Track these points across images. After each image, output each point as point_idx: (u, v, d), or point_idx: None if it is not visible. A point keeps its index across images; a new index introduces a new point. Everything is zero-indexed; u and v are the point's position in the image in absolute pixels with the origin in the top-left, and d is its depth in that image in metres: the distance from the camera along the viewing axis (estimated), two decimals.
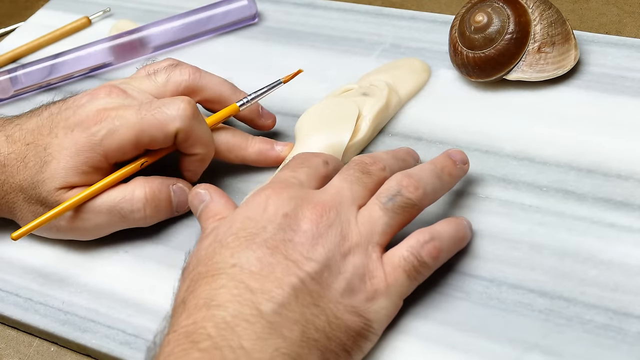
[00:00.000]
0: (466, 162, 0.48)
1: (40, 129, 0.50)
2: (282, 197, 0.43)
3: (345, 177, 0.45)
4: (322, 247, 0.42)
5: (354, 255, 0.42)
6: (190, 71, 0.53)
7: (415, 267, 0.43)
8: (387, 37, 0.64)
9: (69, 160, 0.49)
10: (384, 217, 0.43)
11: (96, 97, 0.50)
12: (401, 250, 0.43)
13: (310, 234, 0.42)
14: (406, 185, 0.44)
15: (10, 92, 0.66)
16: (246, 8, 0.68)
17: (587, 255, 0.45)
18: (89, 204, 0.49)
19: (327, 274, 0.41)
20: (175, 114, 0.48)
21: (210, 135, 0.51)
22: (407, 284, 0.43)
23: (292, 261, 0.41)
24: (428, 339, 0.43)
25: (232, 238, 0.42)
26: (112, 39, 0.67)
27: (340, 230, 0.42)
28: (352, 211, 0.43)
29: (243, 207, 0.44)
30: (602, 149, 0.51)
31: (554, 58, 0.55)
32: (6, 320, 0.51)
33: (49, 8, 0.77)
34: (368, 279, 0.42)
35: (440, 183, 0.46)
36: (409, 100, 0.58)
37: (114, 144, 0.48)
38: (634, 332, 0.42)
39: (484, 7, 0.55)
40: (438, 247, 0.43)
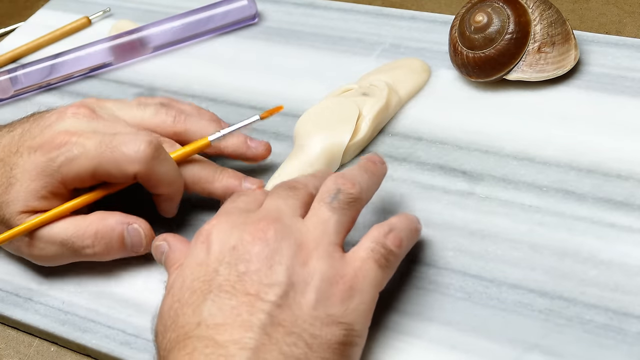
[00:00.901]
0: (383, 163, 0.48)
1: (10, 146, 0.49)
2: (223, 230, 0.42)
3: (276, 196, 0.44)
4: (280, 264, 0.40)
5: (316, 261, 0.40)
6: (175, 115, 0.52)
7: (384, 255, 0.42)
8: (387, 37, 0.64)
9: (30, 183, 0.48)
10: (333, 215, 0.42)
11: (63, 117, 0.49)
12: (366, 243, 0.42)
13: (263, 254, 0.40)
14: (343, 183, 0.43)
15: (10, 92, 0.66)
16: (246, 8, 0.68)
17: (587, 255, 0.45)
18: (44, 234, 0.48)
19: (293, 292, 0.39)
20: (133, 156, 0.46)
21: (176, 173, 0.49)
22: (379, 273, 0.42)
23: (253, 295, 0.39)
24: (428, 339, 0.43)
25: (189, 293, 0.40)
26: (112, 39, 0.67)
27: (294, 239, 0.41)
28: (297, 220, 0.42)
29: (190, 254, 0.42)
30: (602, 149, 0.51)
31: (554, 58, 0.55)
32: (6, 320, 0.51)
33: (49, 8, 0.77)
34: (339, 278, 0.40)
35: (369, 180, 0.46)
36: (409, 100, 0.58)
37: (71, 173, 0.47)
38: (634, 332, 0.42)
39: (484, 7, 0.55)
40: (399, 236, 0.43)
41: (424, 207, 0.50)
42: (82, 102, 0.51)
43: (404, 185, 0.52)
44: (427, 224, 0.49)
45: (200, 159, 0.52)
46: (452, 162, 0.53)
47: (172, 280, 0.42)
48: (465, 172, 0.52)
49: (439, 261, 0.47)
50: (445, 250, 0.47)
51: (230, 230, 0.42)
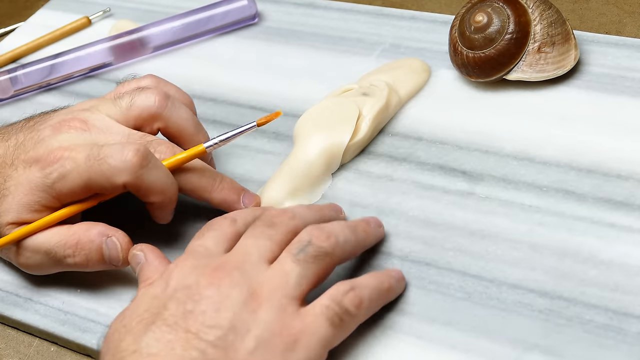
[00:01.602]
0: (381, 226, 0.48)
1: (5, 158, 0.49)
2: (184, 270, 0.42)
3: (251, 234, 0.44)
4: (227, 309, 0.40)
5: (266, 311, 0.40)
6: (155, 98, 0.51)
7: (338, 315, 0.41)
8: (387, 37, 0.64)
9: (23, 197, 0.48)
10: (296, 268, 0.42)
11: (57, 132, 0.49)
12: (322, 300, 0.42)
13: (213, 299, 0.40)
14: (317, 235, 0.43)
15: (10, 92, 0.66)
16: (246, 8, 0.68)
17: (587, 255, 0.45)
18: (30, 243, 0.48)
19: (233, 336, 0.39)
20: (120, 166, 0.46)
21: (167, 181, 0.48)
22: (330, 332, 0.41)
23: (192, 333, 0.39)
24: (428, 339, 0.43)
25: (137, 321, 0.41)
26: (112, 39, 0.67)
27: (247, 287, 0.41)
28: (260, 267, 0.42)
29: (152, 284, 0.43)
30: (602, 149, 0.51)
31: (554, 58, 0.55)
32: (6, 320, 0.51)
33: (49, 8, 0.77)
34: (284, 330, 0.40)
35: (354, 236, 0.45)
36: (409, 100, 0.58)
37: (64, 189, 0.47)
38: (634, 332, 0.42)
39: (484, 7, 0.55)
40: (359, 296, 0.42)
41: (424, 207, 0.50)
42: (73, 115, 0.50)
43: (404, 185, 0.52)
44: (427, 224, 0.49)
45: (199, 166, 0.51)
46: (452, 162, 0.53)
47: (132, 303, 0.43)
48: (465, 172, 0.52)
49: (439, 261, 0.47)
50: (445, 250, 0.47)
51: (190, 270, 0.42)
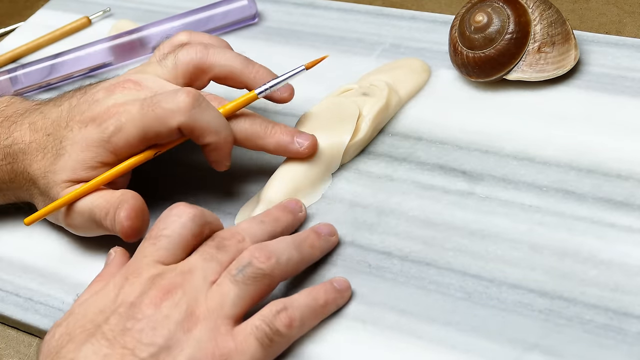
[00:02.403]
0: (334, 234, 0.48)
1: (59, 121, 0.50)
2: (134, 285, 0.42)
3: (200, 255, 0.44)
4: (163, 328, 0.41)
5: (199, 330, 0.41)
6: (197, 50, 0.52)
7: (268, 335, 0.42)
8: (387, 37, 0.64)
9: (79, 154, 0.49)
10: (234, 289, 0.42)
11: (112, 93, 0.50)
12: (253, 320, 0.42)
13: (152, 318, 0.41)
14: (258, 256, 0.43)
15: (10, 92, 0.66)
16: (246, 8, 0.68)
17: (587, 255, 0.45)
18: (78, 204, 0.49)
19: (165, 354, 0.40)
20: (174, 107, 0.47)
21: (221, 122, 0.49)
22: (260, 352, 0.42)
23: (129, 349, 0.40)
24: (428, 339, 0.43)
25: (80, 331, 0.41)
26: (112, 39, 0.67)
27: (186, 308, 0.41)
28: (202, 289, 0.42)
29: (104, 289, 0.43)
30: (602, 149, 0.51)
31: (554, 58, 0.55)
32: (6, 320, 0.51)
33: (49, 8, 0.77)
34: (216, 349, 0.41)
35: (299, 254, 0.45)
36: (409, 100, 0.58)
37: (121, 142, 0.48)
38: (634, 332, 0.42)
39: (484, 7, 0.55)
40: (291, 316, 0.43)
41: (424, 207, 0.50)
42: (125, 76, 0.51)
43: (404, 185, 0.52)
44: (427, 224, 0.49)
45: (250, 114, 0.51)
46: (452, 162, 0.53)
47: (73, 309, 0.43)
48: (465, 172, 0.52)
49: (439, 261, 0.47)
50: (445, 250, 0.47)
51: (138, 286, 0.42)
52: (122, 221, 0.47)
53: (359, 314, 0.45)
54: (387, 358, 0.43)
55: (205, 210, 0.46)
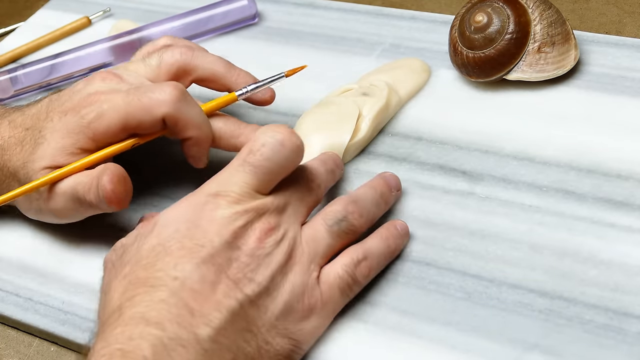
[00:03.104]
0: (399, 189, 0.50)
1: (39, 114, 0.50)
2: (234, 209, 0.42)
3: (293, 193, 0.45)
4: (266, 267, 0.41)
5: (294, 275, 0.42)
6: (181, 51, 0.53)
7: (349, 285, 0.44)
8: (387, 37, 0.64)
9: (59, 141, 0.49)
10: (328, 238, 0.44)
11: (91, 82, 0.50)
12: (336, 269, 0.44)
13: (257, 253, 0.42)
14: (352, 212, 0.45)
15: (10, 92, 0.66)
16: (246, 8, 0.68)
17: (587, 255, 0.45)
18: (60, 185, 0.49)
19: (266, 296, 0.41)
20: (161, 98, 0.47)
21: (203, 117, 0.49)
22: (340, 300, 0.44)
23: (233, 281, 0.40)
24: (428, 339, 0.43)
25: (178, 246, 0.41)
26: (112, 39, 0.67)
27: (287, 248, 0.43)
28: (297, 228, 0.44)
29: (192, 206, 0.42)
30: (602, 149, 0.51)
31: (554, 58, 0.55)
32: (6, 320, 0.51)
33: (49, 8, 0.77)
34: (306, 298, 0.42)
35: (378, 210, 0.48)
36: (409, 100, 0.58)
37: (101, 127, 0.48)
38: (634, 332, 0.42)
39: (484, 7, 0.55)
40: (370, 266, 0.45)
41: (424, 207, 0.50)
42: (105, 70, 0.52)
43: (404, 185, 0.52)
44: (427, 224, 0.49)
45: (224, 115, 0.52)
46: (452, 162, 0.53)
47: (163, 220, 0.42)
48: (465, 172, 0.52)
49: (439, 261, 0.47)
50: (445, 250, 0.47)
51: (240, 214, 0.42)
52: (105, 185, 0.46)
53: (359, 314, 0.45)
54: (387, 358, 0.43)
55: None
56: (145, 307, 0.39)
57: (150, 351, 0.37)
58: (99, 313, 0.41)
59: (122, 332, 0.38)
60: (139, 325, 0.38)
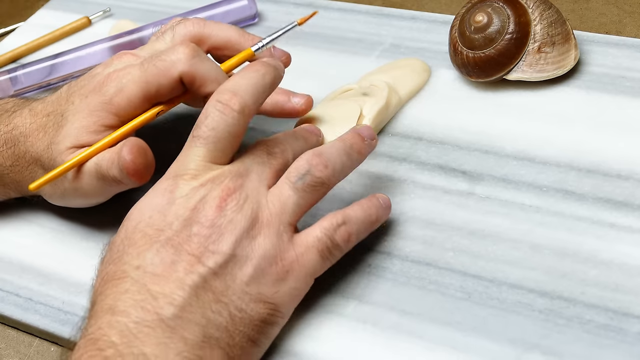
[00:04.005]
0: (374, 138, 0.49)
1: (59, 100, 0.51)
2: (191, 185, 0.43)
3: (253, 158, 0.45)
4: (230, 234, 0.42)
5: (264, 238, 0.42)
6: (193, 22, 0.53)
7: (329, 248, 0.44)
8: (387, 37, 0.64)
9: (82, 120, 0.49)
10: (293, 196, 0.44)
11: (109, 64, 0.51)
12: (315, 232, 0.44)
13: (218, 223, 0.42)
14: (315, 164, 0.44)
15: (10, 92, 0.66)
16: (246, 8, 0.68)
17: (587, 255, 0.45)
18: (87, 165, 0.49)
19: (232, 264, 0.41)
20: (175, 57, 0.48)
21: (219, 71, 0.49)
22: (320, 263, 0.44)
23: (194, 256, 0.41)
24: (428, 339, 0.43)
25: (140, 235, 0.42)
26: (112, 39, 0.67)
27: (250, 212, 0.42)
28: (262, 192, 0.44)
29: (154, 194, 0.43)
30: (602, 149, 0.51)
31: (554, 58, 0.55)
32: (6, 320, 0.51)
33: (49, 8, 0.77)
34: (279, 260, 0.42)
35: (350, 160, 0.46)
36: (409, 100, 0.58)
37: (123, 101, 0.48)
38: (634, 332, 0.42)
39: (484, 7, 0.55)
40: (349, 231, 0.44)
41: (424, 207, 0.50)
42: (125, 51, 0.52)
43: (404, 185, 0.52)
44: (427, 224, 0.49)
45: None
46: (452, 162, 0.53)
47: (130, 214, 0.43)
48: (465, 172, 0.52)
49: (439, 261, 0.47)
50: (445, 250, 0.47)
51: (197, 189, 0.43)
52: (124, 157, 0.46)
53: (359, 314, 0.45)
54: (387, 358, 0.43)
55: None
56: (113, 299, 0.40)
57: (117, 336, 0.38)
58: None
59: (94, 322, 0.40)
60: (106, 316, 0.40)
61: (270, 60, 0.47)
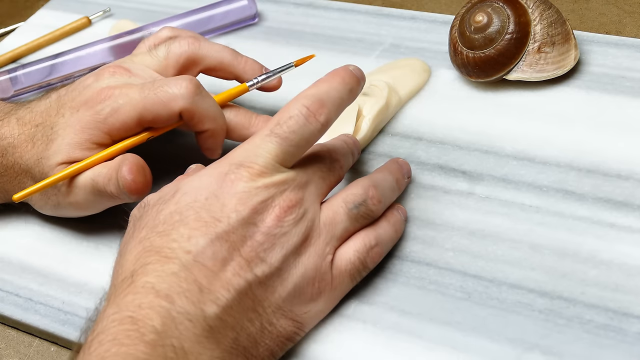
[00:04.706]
0: (410, 176, 0.51)
1: (49, 110, 0.51)
2: (256, 183, 0.42)
3: (315, 171, 0.45)
4: (281, 247, 0.41)
5: (308, 257, 0.42)
6: (188, 42, 0.53)
7: (359, 270, 0.45)
8: (387, 37, 0.64)
9: (74, 137, 0.49)
10: (346, 221, 0.44)
11: (101, 77, 0.50)
12: (349, 255, 0.44)
13: (273, 232, 0.41)
14: (372, 197, 0.45)
15: (10, 92, 0.66)
16: (246, 8, 0.68)
17: (587, 255, 0.45)
18: (78, 178, 0.49)
19: (276, 277, 0.41)
20: (178, 92, 0.48)
21: (218, 110, 0.50)
22: (349, 286, 0.45)
23: (245, 260, 0.41)
24: (428, 339, 0.43)
25: (194, 217, 0.41)
26: (112, 39, 0.67)
27: (305, 229, 0.42)
28: (317, 209, 0.44)
29: (214, 176, 0.42)
30: (602, 149, 0.51)
31: (554, 58, 0.55)
32: (6, 320, 0.51)
33: (49, 8, 0.77)
34: (316, 281, 0.43)
35: (393, 196, 0.48)
36: (409, 100, 0.58)
37: (117, 122, 0.48)
38: (634, 332, 0.42)
39: (484, 7, 0.55)
40: (380, 252, 0.45)
41: (424, 207, 0.50)
42: (113, 63, 0.52)
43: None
44: (427, 224, 0.49)
45: (234, 106, 0.53)
46: (452, 162, 0.53)
47: (184, 186, 0.42)
48: (465, 172, 0.52)
49: (439, 261, 0.47)
50: (445, 250, 0.47)
51: (261, 189, 0.42)
52: (124, 176, 0.47)
53: (359, 314, 0.45)
54: (387, 358, 0.43)
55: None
56: (157, 277, 0.39)
57: (159, 322, 0.38)
58: (113, 275, 0.42)
59: (133, 300, 0.38)
60: (148, 295, 0.38)
61: (356, 71, 0.47)
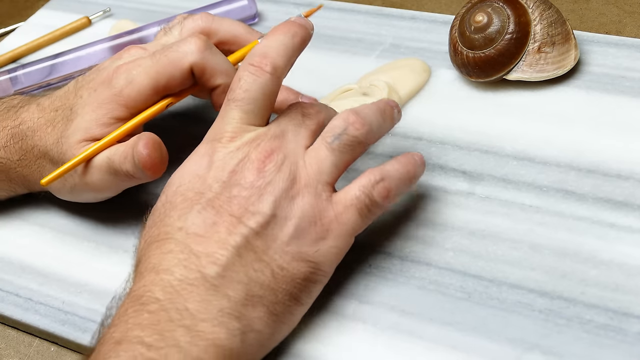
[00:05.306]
0: (400, 111, 0.49)
1: (67, 95, 0.51)
2: (229, 149, 0.43)
3: (289, 119, 0.46)
4: (270, 195, 0.42)
5: (302, 198, 0.43)
6: (201, 17, 0.54)
7: (367, 206, 0.44)
8: (387, 37, 0.64)
9: (92, 114, 0.49)
10: (330, 156, 0.44)
11: (118, 58, 0.51)
12: (353, 190, 0.44)
13: (257, 184, 0.42)
14: (352, 122, 0.44)
15: (10, 92, 0.66)
16: (246, 8, 0.68)
17: (587, 255, 0.45)
18: (94, 158, 0.49)
19: (273, 224, 0.42)
20: (186, 49, 0.49)
21: (229, 64, 0.50)
22: (359, 221, 0.44)
23: (236, 217, 0.42)
24: (428, 339, 0.43)
25: (181, 199, 0.43)
26: (112, 39, 0.67)
27: (289, 172, 0.43)
28: (299, 152, 0.44)
29: (193, 160, 0.44)
30: (602, 149, 0.51)
31: (554, 58, 0.55)
32: (6, 320, 0.51)
33: (49, 8, 0.77)
34: (318, 219, 0.43)
35: (384, 122, 0.46)
36: (409, 100, 0.58)
37: (133, 92, 0.49)
38: (634, 332, 0.42)
39: (484, 7, 0.55)
40: (388, 187, 0.44)
41: (424, 207, 0.50)
42: (130, 46, 0.52)
43: None
44: (427, 224, 0.49)
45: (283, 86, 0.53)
46: (452, 162, 0.53)
47: (171, 180, 0.45)
48: (465, 172, 0.52)
49: (439, 261, 0.47)
50: (445, 250, 0.47)
51: (235, 152, 0.43)
52: (140, 151, 0.47)
53: (359, 314, 0.45)
54: (387, 358, 0.43)
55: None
56: (156, 258, 0.41)
57: (161, 293, 0.40)
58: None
59: (138, 281, 0.41)
60: (150, 274, 0.41)
61: (299, 19, 0.47)
